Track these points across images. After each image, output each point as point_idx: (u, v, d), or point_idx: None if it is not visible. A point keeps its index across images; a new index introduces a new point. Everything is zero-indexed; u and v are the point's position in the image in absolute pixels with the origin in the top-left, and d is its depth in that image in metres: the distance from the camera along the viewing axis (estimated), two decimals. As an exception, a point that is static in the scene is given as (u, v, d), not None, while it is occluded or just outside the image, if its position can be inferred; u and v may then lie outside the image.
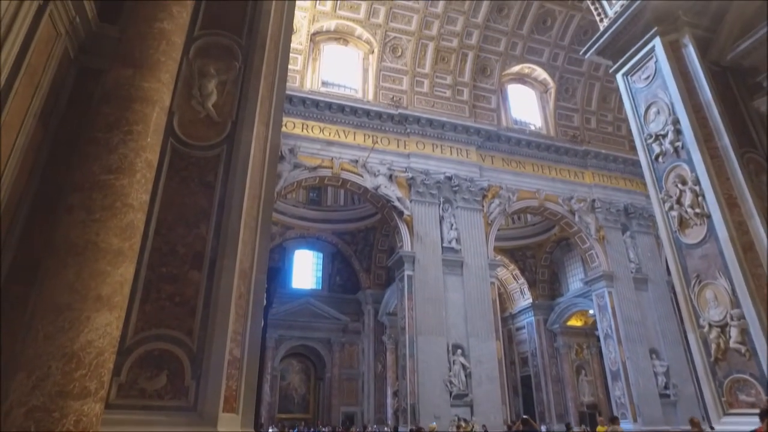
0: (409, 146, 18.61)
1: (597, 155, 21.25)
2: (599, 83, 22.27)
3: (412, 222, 17.20)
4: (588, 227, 19.69)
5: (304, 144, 17.07)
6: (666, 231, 9.47)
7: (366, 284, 24.50)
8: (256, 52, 6.21)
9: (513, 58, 21.34)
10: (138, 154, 3.97)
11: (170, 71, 4.90)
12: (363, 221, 24.25)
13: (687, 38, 9.86)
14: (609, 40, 11.31)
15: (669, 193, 9.49)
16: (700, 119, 9.25)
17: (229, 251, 4.95)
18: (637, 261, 19.69)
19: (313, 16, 18.73)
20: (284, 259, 25.10)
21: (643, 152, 10.39)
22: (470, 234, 17.63)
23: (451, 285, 16.54)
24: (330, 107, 17.85)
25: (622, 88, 11.33)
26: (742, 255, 7.93)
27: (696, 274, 8.66)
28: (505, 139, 20.06)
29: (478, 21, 20.02)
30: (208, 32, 6.15)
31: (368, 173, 17.48)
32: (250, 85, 5.97)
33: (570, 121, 22.20)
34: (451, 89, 20.25)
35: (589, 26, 20.00)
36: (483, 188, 18.62)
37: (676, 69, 9.84)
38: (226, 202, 5.21)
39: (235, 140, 5.59)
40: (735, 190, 8.36)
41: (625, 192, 21.06)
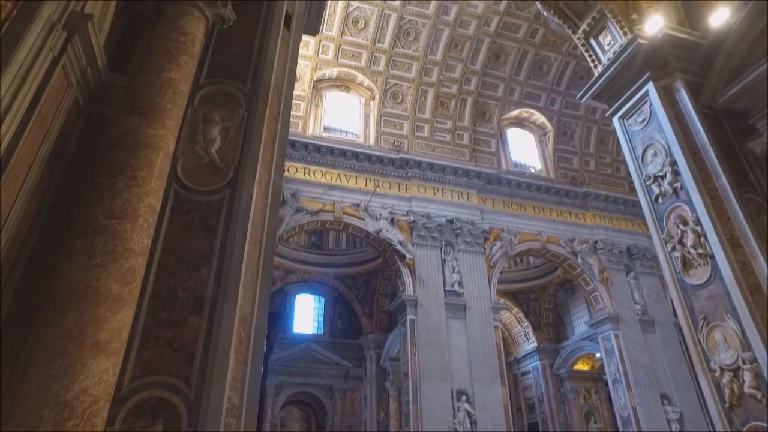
0: (411, 190, 18.77)
1: (597, 197, 21.35)
2: (596, 126, 22.67)
3: (414, 265, 17.12)
4: (591, 269, 19.55)
5: (306, 188, 17.23)
6: (670, 272, 9.39)
7: (368, 329, 24.12)
8: (259, 100, 6.38)
9: (511, 103, 21.83)
10: (141, 199, 4.02)
11: (175, 118, 5.03)
12: (365, 265, 24.14)
13: (679, 83, 10.12)
14: (603, 86, 11.60)
15: (671, 234, 9.48)
16: (697, 160, 9.35)
17: (229, 296, 4.91)
18: (643, 303, 19.42)
19: (315, 64, 19.33)
20: (286, 304, 24.82)
21: (643, 193, 10.45)
22: (473, 277, 17.50)
23: (454, 329, 16.27)
24: (332, 152, 18.12)
25: (619, 131, 11.53)
26: (749, 296, 7.81)
27: (703, 315, 8.52)
28: (506, 182, 20.24)
29: (476, 68, 20.62)
30: (213, 80, 6.34)
31: (370, 217, 17.55)
32: (254, 132, 6.09)
33: (569, 164, 22.46)
34: (451, 134, 20.62)
35: (584, 72, 20.57)
36: (485, 231, 18.62)
37: (670, 112, 10.04)
38: (228, 247, 5.21)
39: (238, 185, 5.65)
40: (737, 230, 8.35)
41: (627, 233, 21.02)
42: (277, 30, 7.15)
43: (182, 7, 5.80)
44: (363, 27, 19.16)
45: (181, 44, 5.53)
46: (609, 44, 11.73)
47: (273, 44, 6.95)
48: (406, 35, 19.57)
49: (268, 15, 7.24)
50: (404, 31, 19.45)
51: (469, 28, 19.69)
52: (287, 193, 16.51)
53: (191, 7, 5.84)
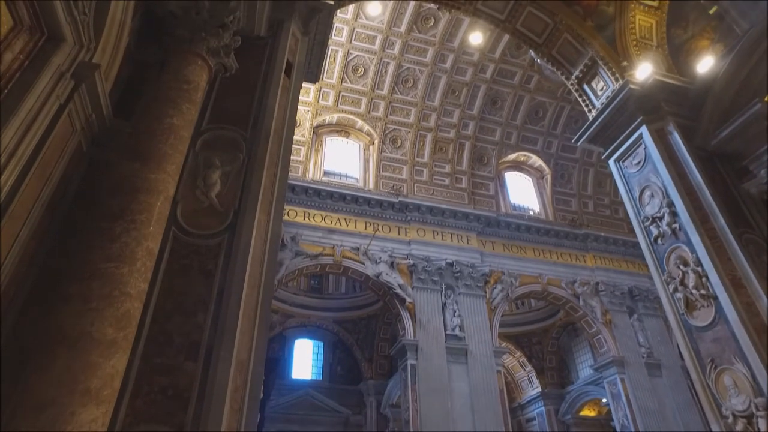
0: (410, 233, 18.79)
1: (597, 238, 21.35)
2: (593, 168, 22.94)
3: (415, 309, 16.91)
4: (593, 311, 19.29)
5: (305, 232, 17.25)
6: (673, 314, 9.27)
7: (368, 374, 23.54)
8: (259, 145, 6.50)
9: (509, 147, 22.18)
10: (139, 243, 4.03)
11: (176, 163, 5.11)
12: (364, 309, 23.84)
13: (671, 126, 10.33)
14: (598, 129, 11.84)
15: (672, 275, 9.41)
16: (693, 201, 9.41)
17: (226, 341, 4.84)
18: (648, 345, 19.03)
19: (316, 110, 19.77)
20: (284, 349, 24.34)
21: (642, 235, 10.46)
22: (474, 321, 17.24)
23: (456, 374, 15.89)
24: (331, 196, 18.26)
25: (615, 173, 11.67)
26: (757, 338, 7.65)
27: (710, 358, 8.33)
28: (505, 225, 20.27)
29: (474, 113, 21.08)
30: (215, 126, 6.48)
31: (369, 260, 17.48)
32: (253, 176, 6.17)
33: (568, 206, 22.58)
34: (450, 177, 20.85)
35: (579, 115, 21.02)
36: (485, 274, 18.50)
37: (665, 154, 10.19)
38: (226, 291, 5.17)
39: (237, 229, 5.68)
40: (738, 270, 8.30)
41: (629, 274, 20.88)
42: (278, 78, 7.38)
43: (186, 56, 6.00)
44: (362, 74, 19.73)
45: (184, 92, 5.68)
46: (602, 89, 12.04)
47: (274, 91, 7.15)
48: (404, 82, 20.12)
49: (269, 64, 7.49)
50: (402, 78, 20.01)
51: (465, 75, 20.27)
52: (287, 237, 16.52)
53: (195, 57, 6.04)
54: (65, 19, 4.07)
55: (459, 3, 12.93)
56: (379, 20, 18.52)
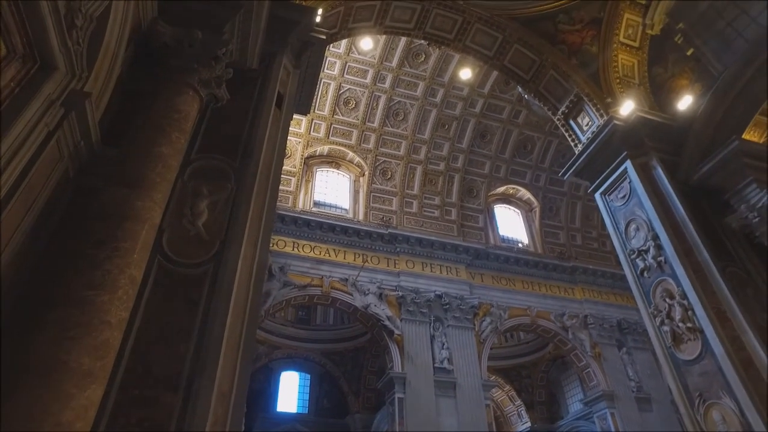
0: (399, 265, 18.74)
1: (585, 271, 21.42)
2: (581, 202, 23.21)
3: (403, 342, 16.71)
4: (583, 344, 19.18)
5: (294, 262, 17.15)
6: (661, 347, 9.26)
7: (355, 408, 22.98)
8: (248, 175, 6.52)
9: (498, 180, 22.45)
10: (122, 271, 3.98)
11: (164, 191, 5.11)
12: (352, 341, 23.49)
13: (655, 161, 10.56)
14: (584, 164, 12.06)
15: (658, 308, 9.45)
16: (678, 235, 9.54)
17: (208, 372, 4.74)
18: (637, 379, 18.87)
19: (307, 141, 19.97)
20: (270, 381, 23.80)
21: (628, 267, 10.54)
22: (462, 353, 17.05)
23: (444, 408, 15.59)
24: (321, 227, 18.25)
25: (602, 206, 11.83)
26: (743, 373, 7.66)
27: (698, 393, 8.29)
28: (494, 257, 20.31)
29: (463, 146, 21.40)
30: (204, 155, 6.51)
31: (358, 292, 17.36)
32: (241, 206, 6.17)
33: (556, 239, 22.73)
34: (440, 209, 20.98)
35: (566, 150, 21.37)
36: (474, 306, 18.41)
37: (649, 188, 10.37)
38: (209, 321, 5.10)
39: (223, 259, 5.64)
40: (723, 303, 8.36)
41: (617, 307, 20.88)
42: (268, 110, 7.47)
43: (178, 87, 6.08)
44: (354, 107, 20.04)
45: (174, 121, 5.74)
46: (587, 125, 12.32)
47: (264, 123, 7.23)
48: (395, 115, 20.45)
49: (260, 95, 7.59)
50: (393, 111, 20.35)
51: (455, 109, 20.67)
52: (275, 267, 16.41)
53: (186, 87, 6.12)
54: (59, 49, 4.13)
55: (448, 40, 13.32)
56: (371, 55, 18.96)
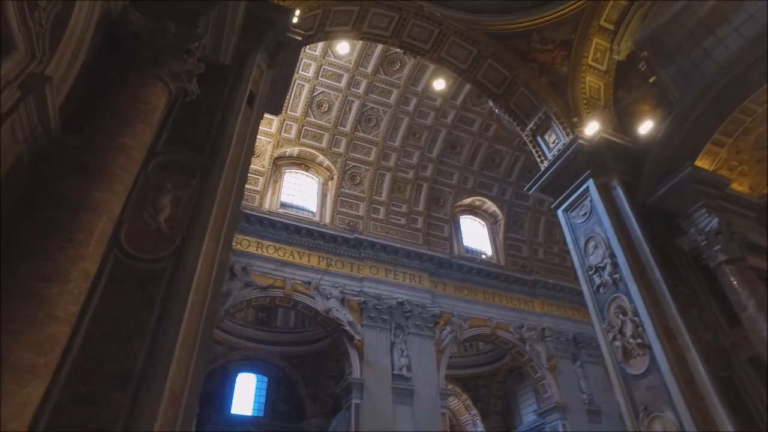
0: (363, 270, 18.74)
1: (545, 285, 21.91)
2: (545, 217, 23.75)
3: (363, 347, 16.68)
4: (539, 356, 19.60)
5: (257, 263, 16.92)
6: (612, 361, 9.58)
7: (312, 412, 22.73)
8: (214, 172, 6.42)
9: (465, 191, 22.76)
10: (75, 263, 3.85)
11: (125, 183, 4.98)
12: (312, 345, 23.28)
13: (615, 182, 10.93)
14: (549, 180, 12.37)
15: (612, 324, 9.76)
16: (633, 254, 9.89)
17: (160, 371, 4.62)
18: (589, 392, 19.41)
19: (277, 141, 19.78)
20: (225, 382, 23.28)
21: (585, 283, 10.85)
22: (421, 361, 17.15)
23: (401, 415, 15.62)
24: (287, 228, 18.07)
25: (563, 222, 12.15)
26: (685, 388, 8.02)
27: (644, 406, 8.62)
28: (457, 267, 20.55)
29: (433, 156, 21.62)
30: (170, 149, 6.37)
31: (320, 295, 17.26)
32: (205, 203, 6.07)
33: (519, 252, 23.19)
34: (406, 217, 21.11)
35: (533, 165, 21.82)
36: (435, 315, 18.57)
37: (609, 208, 10.72)
38: (166, 318, 4.99)
39: (183, 255, 5.53)
40: (671, 322, 8.73)
41: (574, 321, 21.42)
42: (239, 107, 7.39)
43: (147, 78, 5.94)
44: (327, 110, 19.99)
45: (140, 113, 5.60)
46: (554, 143, 12.67)
47: (234, 120, 7.14)
48: (367, 121, 20.51)
49: (232, 93, 7.50)
50: (366, 117, 20.40)
51: (427, 119, 20.88)
52: (237, 267, 16.15)
53: (155, 79, 5.98)
54: (18, 29, 3.98)
55: (424, 50, 13.49)
56: (347, 59, 18.98)
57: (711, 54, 10.59)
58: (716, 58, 10.35)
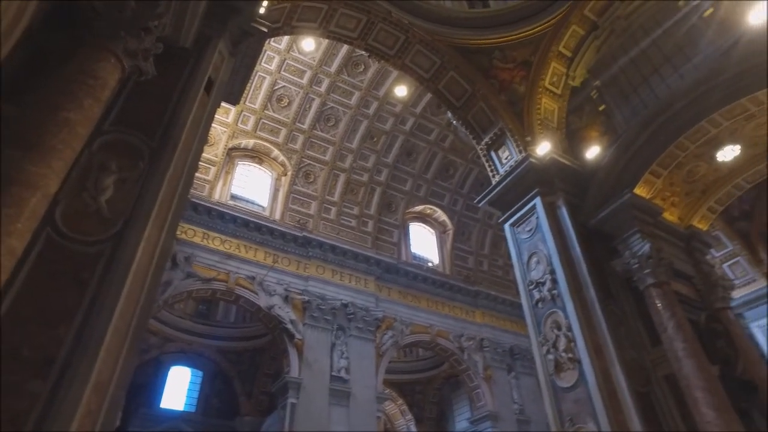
0: (309, 269, 18.59)
1: (487, 296, 22.50)
2: (492, 230, 24.39)
3: (303, 347, 16.53)
4: (476, 365, 20.08)
5: (201, 254, 16.46)
6: (544, 373, 9.94)
7: (246, 410, 22.25)
8: (164, 156, 6.19)
9: (417, 198, 23.05)
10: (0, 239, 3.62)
11: (65, 159, 4.73)
12: (252, 341, 22.83)
13: (561, 201, 11.38)
14: (499, 194, 12.71)
15: (547, 337, 10.14)
16: (572, 272, 10.32)
17: (87, 359, 4.39)
18: (521, 402, 20.09)
19: (233, 132, 19.33)
20: (157, 375, 22.41)
21: (525, 297, 11.21)
22: (361, 364, 17.18)
23: (336, 417, 15.58)
24: (235, 221, 17.68)
25: (509, 237, 12.50)
26: (608, 402, 8.46)
27: (570, 417, 9.01)
28: (404, 273, 20.76)
29: (389, 161, 21.78)
30: (119, 129, 6.10)
31: (264, 292, 16.98)
32: (151, 188, 5.84)
33: (465, 262, 23.69)
34: (357, 219, 21.13)
35: (485, 179, 22.32)
36: (378, 319, 18.67)
37: (553, 226, 11.13)
38: (98, 304, 4.75)
39: (123, 239, 5.30)
40: (600, 338, 9.19)
41: (511, 333, 22.11)
42: (196, 92, 7.17)
43: (99, 52, 5.66)
44: (286, 105, 19.75)
45: (89, 87, 5.33)
46: (506, 158, 13.04)
47: (189, 105, 6.92)
48: (326, 120, 20.41)
49: (190, 77, 7.26)
50: (325, 115, 20.30)
51: (386, 124, 21.02)
52: (180, 256, 15.66)
53: (108, 54, 5.71)
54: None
55: (389, 55, 13.59)
56: (311, 57, 18.84)
57: (654, 90, 11.26)
58: (659, 95, 11.02)
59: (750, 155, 10.78)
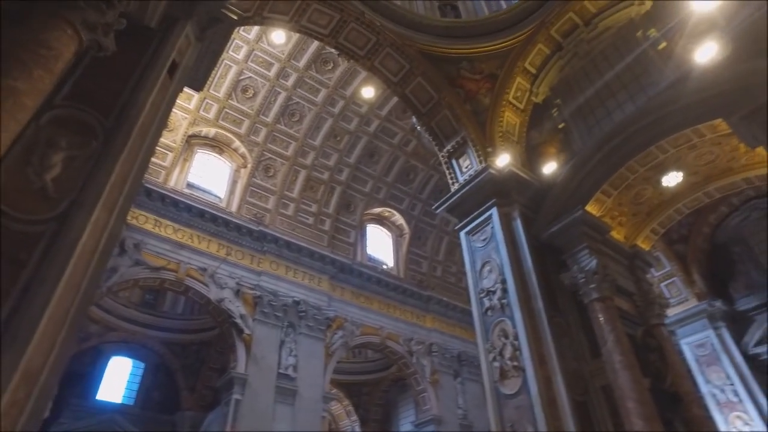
0: (263, 264, 18.31)
1: (439, 302, 22.80)
2: (448, 237, 24.72)
3: (252, 342, 16.24)
4: (424, 370, 20.31)
5: (152, 242, 15.91)
6: (489, 380, 10.16)
7: (187, 405, 21.53)
8: (120, 138, 5.96)
9: (376, 201, 23.10)
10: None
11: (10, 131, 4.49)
12: (199, 334, 22.20)
13: (516, 213, 11.68)
14: (457, 202, 12.91)
15: (494, 345, 10.36)
16: (522, 283, 10.60)
17: (17, 345, 4.16)
18: (465, 408, 20.46)
19: (194, 119, 18.80)
20: (95, 365, 21.42)
21: (476, 304, 11.40)
22: (309, 363, 17.04)
23: (280, 415, 15.38)
24: (189, 210, 17.20)
25: (464, 244, 12.69)
26: (548, 409, 8.75)
27: (511, 423, 9.24)
28: (358, 274, 20.76)
29: (351, 161, 21.74)
30: (71, 104, 5.83)
31: (215, 284, 16.58)
32: (103, 169, 5.61)
33: (419, 267, 23.92)
34: (315, 217, 20.98)
35: (444, 186, 22.60)
36: (329, 318, 18.58)
37: (507, 237, 11.39)
38: (35, 287, 4.53)
39: (68, 220, 5.06)
40: (544, 348, 9.49)
41: (460, 340, 22.49)
42: (158, 74, 6.93)
43: (55, 21, 5.40)
44: (251, 96, 19.39)
45: (41, 57, 5.08)
46: (467, 167, 13.28)
47: (150, 87, 6.69)
48: (290, 115, 20.17)
49: (154, 58, 7.02)
50: (290, 110, 20.06)
51: (350, 124, 20.98)
52: (129, 243, 15.12)
53: (65, 24, 5.45)
54: None
55: (359, 56, 13.61)
56: (281, 50, 18.58)
57: (611, 114, 11.78)
58: (614, 119, 11.53)
59: (690, 183, 11.42)
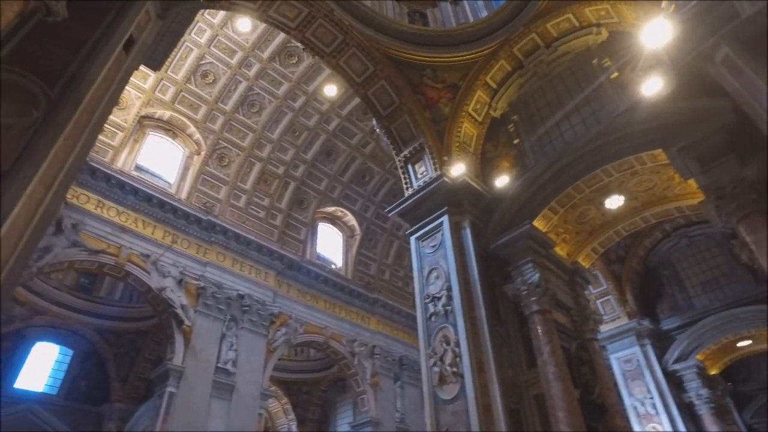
0: (209, 255, 17.85)
1: (385, 305, 22.96)
2: (398, 242, 24.95)
3: (191, 334, 15.78)
4: (365, 371, 20.38)
5: (92, 223, 15.18)
6: (428, 384, 10.31)
7: (117, 396, 20.60)
8: (65, 110, 5.66)
9: (330, 199, 23.02)
10: None
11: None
12: (136, 323, 21.35)
13: (466, 222, 11.94)
14: (410, 207, 13.05)
15: (435, 351, 10.53)
16: (467, 291, 10.83)
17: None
18: (403, 411, 20.68)
19: (149, 99, 18.11)
20: (16, 350, 20.10)
21: (421, 309, 11.54)
22: (249, 358, 16.74)
23: (216, 411, 15.00)
24: (136, 193, 16.54)
25: (414, 249, 12.83)
26: (482, 415, 8.99)
27: (446, 428, 9.41)
28: (305, 271, 20.60)
29: (307, 157, 21.57)
30: (12, 70, 5.49)
31: (157, 272, 16.01)
32: (44, 141, 5.31)
33: (367, 269, 24.00)
34: (266, 211, 20.66)
35: (398, 191, 22.83)
36: (273, 314, 18.33)
37: (456, 245, 11.62)
38: (-47, 262, 4.25)
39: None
40: (484, 356, 9.75)
41: (403, 344, 22.73)
42: (113, 48, 6.63)
43: (0, -22, 5.08)
44: (211, 82, 18.90)
45: (-19, 15, 4.77)
46: (422, 174, 13.46)
47: (103, 60, 6.38)
48: (250, 105, 19.80)
49: (109, 30, 6.71)
50: (250, 101, 19.69)
51: (310, 120, 20.83)
52: (67, 222, 14.38)
53: (11, -16, 5.15)
54: None
55: (324, 53, 13.55)
56: (245, 38, 18.23)
57: (563, 134, 12.28)
58: (566, 139, 12.03)
59: (630, 207, 12.06)
